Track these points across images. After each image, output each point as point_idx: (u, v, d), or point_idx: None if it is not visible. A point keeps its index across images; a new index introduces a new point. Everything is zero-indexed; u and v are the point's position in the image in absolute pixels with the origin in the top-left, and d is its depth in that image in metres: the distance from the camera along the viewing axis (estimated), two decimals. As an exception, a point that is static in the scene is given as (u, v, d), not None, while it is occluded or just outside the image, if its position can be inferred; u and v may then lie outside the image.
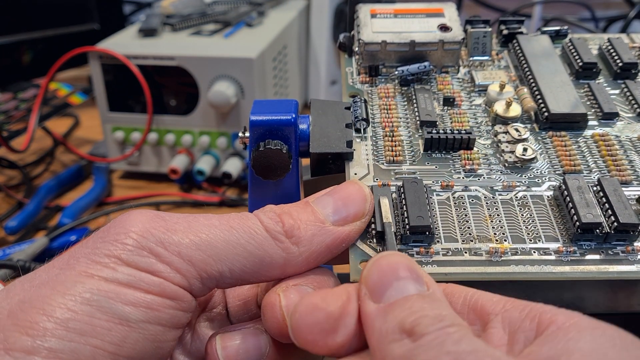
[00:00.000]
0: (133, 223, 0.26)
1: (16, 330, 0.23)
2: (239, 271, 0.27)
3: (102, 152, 0.83)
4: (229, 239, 0.27)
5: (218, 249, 0.26)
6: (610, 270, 0.28)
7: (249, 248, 0.27)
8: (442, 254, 0.29)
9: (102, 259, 0.25)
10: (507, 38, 0.43)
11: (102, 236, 0.26)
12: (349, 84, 0.39)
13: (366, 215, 0.29)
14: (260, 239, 0.27)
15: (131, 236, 0.25)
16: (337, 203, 0.29)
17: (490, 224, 0.30)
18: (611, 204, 0.28)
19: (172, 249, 0.26)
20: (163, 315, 0.25)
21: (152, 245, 0.25)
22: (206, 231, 0.27)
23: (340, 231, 0.28)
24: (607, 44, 0.41)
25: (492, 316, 0.23)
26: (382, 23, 0.40)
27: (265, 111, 0.33)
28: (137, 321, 0.24)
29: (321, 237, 0.28)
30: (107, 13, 0.98)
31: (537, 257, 0.28)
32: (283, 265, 0.28)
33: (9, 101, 0.86)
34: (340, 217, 0.28)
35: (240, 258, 0.27)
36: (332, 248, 0.28)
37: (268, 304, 0.27)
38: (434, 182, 0.32)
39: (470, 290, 0.25)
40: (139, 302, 0.25)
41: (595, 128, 0.35)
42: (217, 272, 0.26)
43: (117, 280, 0.24)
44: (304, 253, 0.28)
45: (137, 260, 0.25)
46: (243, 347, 0.28)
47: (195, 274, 0.26)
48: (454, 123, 0.36)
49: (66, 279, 0.24)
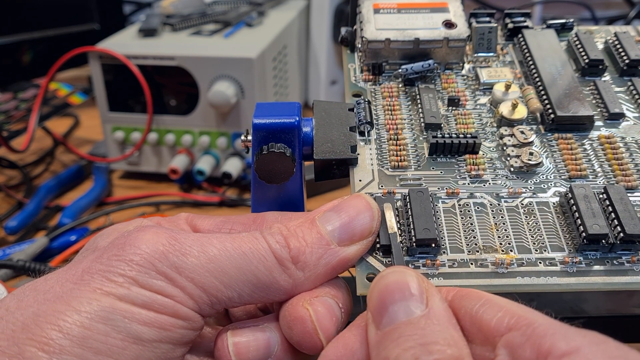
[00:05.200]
0: (149, 243, 0.26)
1: (32, 346, 0.23)
2: (247, 296, 0.27)
3: (102, 152, 0.83)
4: (241, 266, 0.27)
5: (229, 276, 0.27)
6: (615, 282, 0.27)
7: (259, 275, 0.27)
8: (448, 265, 0.28)
9: (117, 278, 0.25)
10: (512, 32, 0.42)
11: (117, 253, 0.26)
12: (352, 82, 0.39)
13: (373, 233, 0.29)
14: (269, 266, 0.27)
15: (145, 257, 0.26)
16: (344, 221, 0.29)
17: (496, 233, 0.30)
18: (617, 213, 0.28)
19: (185, 275, 0.26)
20: (174, 334, 0.26)
21: (166, 269, 0.26)
22: (219, 256, 0.27)
23: (346, 252, 0.28)
24: (614, 38, 0.40)
25: (497, 338, 0.23)
26: (386, 19, 0.39)
27: (268, 114, 0.33)
28: (150, 340, 0.25)
29: (326, 259, 0.28)
30: (107, 13, 0.98)
31: (543, 268, 0.28)
32: (289, 291, 0.28)
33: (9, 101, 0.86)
34: (347, 237, 0.28)
35: (250, 284, 0.27)
36: (338, 269, 0.29)
37: (297, 318, 0.27)
38: (439, 189, 0.32)
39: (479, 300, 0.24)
40: (152, 322, 0.25)
41: (601, 129, 0.35)
42: (226, 298, 0.27)
43: (131, 300, 0.25)
44: (310, 278, 0.28)
45: (151, 283, 0.25)
46: (254, 344, 0.28)
47: (206, 300, 0.27)
48: (458, 125, 0.36)
49: (81, 295, 0.24)
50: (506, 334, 0.22)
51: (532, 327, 0.22)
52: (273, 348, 0.29)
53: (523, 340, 0.22)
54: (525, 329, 0.22)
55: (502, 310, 0.23)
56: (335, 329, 0.28)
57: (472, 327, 0.24)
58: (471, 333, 0.24)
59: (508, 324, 0.23)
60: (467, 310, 0.24)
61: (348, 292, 0.29)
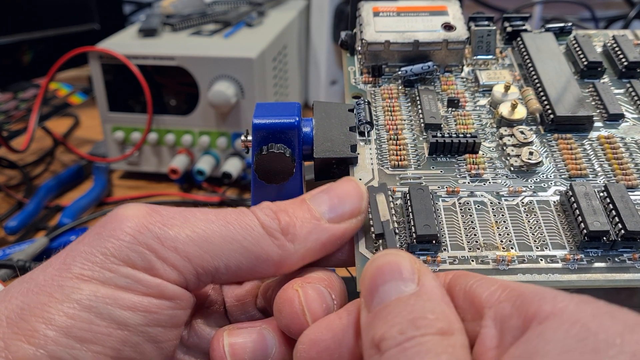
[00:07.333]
0: (129, 218, 0.26)
1: (17, 339, 0.23)
2: (234, 267, 0.27)
3: (102, 152, 0.83)
4: (226, 234, 0.27)
5: (214, 244, 0.26)
6: (617, 279, 0.27)
7: (245, 244, 0.27)
8: (449, 262, 0.28)
9: (98, 257, 0.25)
10: (511, 35, 0.42)
11: (98, 232, 0.26)
12: (352, 84, 0.39)
13: (362, 212, 0.29)
14: (257, 236, 0.27)
15: (127, 231, 0.25)
16: (333, 200, 0.29)
17: (497, 231, 0.30)
18: (618, 210, 0.28)
19: (168, 244, 0.26)
20: (162, 317, 0.25)
21: (148, 240, 0.25)
22: (203, 226, 0.27)
23: (336, 228, 0.28)
24: (612, 41, 0.41)
25: (485, 310, 0.22)
26: (385, 22, 0.40)
27: (268, 114, 0.33)
28: (135, 325, 0.25)
29: (317, 234, 0.28)
30: (107, 13, 0.98)
31: (544, 265, 0.28)
32: (278, 263, 0.28)
33: (9, 101, 0.86)
34: (336, 215, 0.28)
35: (237, 254, 0.27)
36: (328, 245, 0.28)
37: (285, 300, 0.27)
38: (440, 188, 0.32)
39: (473, 277, 0.24)
40: (137, 306, 0.25)
41: (601, 130, 0.35)
42: (213, 268, 0.26)
43: (114, 283, 0.24)
44: (299, 250, 0.28)
45: (133, 257, 0.25)
46: (250, 346, 0.28)
47: (191, 270, 0.26)
48: (458, 125, 0.36)
49: (64, 283, 0.24)
50: (496, 306, 0.22)
51: (522, 296, 0.21)
52: (270, 350, 0.28)
53: (513, 310, 0.21)
54: (515, 299, 0.21)
55: (496, 284, 0.23)
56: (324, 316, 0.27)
57: (464, 302, 0.23)
58: (464, 309, 0.23)
59: (499, 297, 0.22)
60: (462, 287, 0.24)
61: (343, 287, 0.29)
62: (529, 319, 0.20)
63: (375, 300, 0.23)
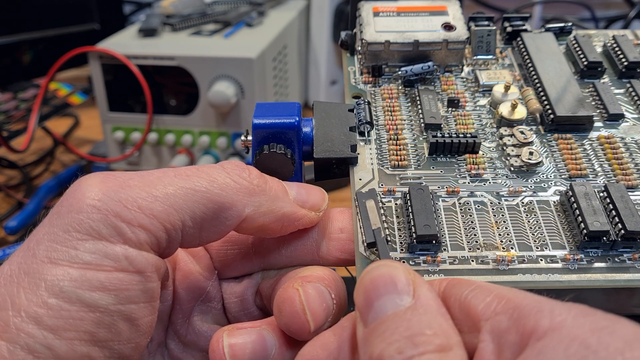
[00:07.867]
0: (86, 188, 0.25)
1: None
2: (199, 219, 0.26)
3: (102, 152, 0.83)
4: (187, 186, 0.26)
5: (177, 197, 0.26)
6: (617, 279, 0.27)
7: (208, 195, 0.27)
8: (449, 262, 0.28)
9: (61, 236, 0.24)
10: (511, 35, 0.42)
11: (57, 210, 0.25)
12: (352, 84, 0.39)
13: (320, 212, 0.31)
14: (222, 184, 0.27)
15: (86, 202, 0.25)
16: (301, 189, 0.31)
17: (497, 231, 0.30)
18: (618, 210, 0.28)
19: (131, 205, 0.25)
20: (133, 293, 0.25)
21: (109, 205, 0.25)
22: (162, 182, 0.26)
23: (297, 208, 0.30)
24: (612, 41, 0.41)
25: (482, 322, 0.22)
26: (385, 22, 0.40)
27: (268, 114, 0.33)
28: (107, 305, 0.24)
29: (282, 202, 0.29)
30: (107, 13, 0.98)
31: (544, 265, 0.28)
32: (241, 211, 0.27)
33: (9, 101, 0.86)
34: (301, 200, 0.30)
35: (200, 205, 0.26)
36: (285, 221, 0.29)
37: (286, 299, 0.27)
38: (440, 188, 0.32)
39: (468, 286, 0.23)
40: (106, 286, 0.24)
41: (601, 130, 0.35)
42: (180, 222, 0.26)
43: (80, 261, 0.24)
44: (263, 205, 0.28)
45: (97, 226, 0.24)
46: (250, 347, 0.28)
47: (160, 227, 0.25)
48: (458, 125, 0.36)
49: (30, 271, 0.24)
50: (492, 318, 0.21)
51: (519, 309, 0.21)
52: (270, 351, 0.28)
53: (510, 324, 0.21)
54: (512, 312, 0.21)
55: (491, 294, 0.22)
56: (324, 315, 0.27)
57: (460, 314, 0.23)
58: (460, 320, 0.23)
59: (495, 309, 0.22)
60: (457, 297, 0.23)
61: (343, 287, 0.29)
62: (527, 335, 0.20)
63: (371, 315, 0.22)
